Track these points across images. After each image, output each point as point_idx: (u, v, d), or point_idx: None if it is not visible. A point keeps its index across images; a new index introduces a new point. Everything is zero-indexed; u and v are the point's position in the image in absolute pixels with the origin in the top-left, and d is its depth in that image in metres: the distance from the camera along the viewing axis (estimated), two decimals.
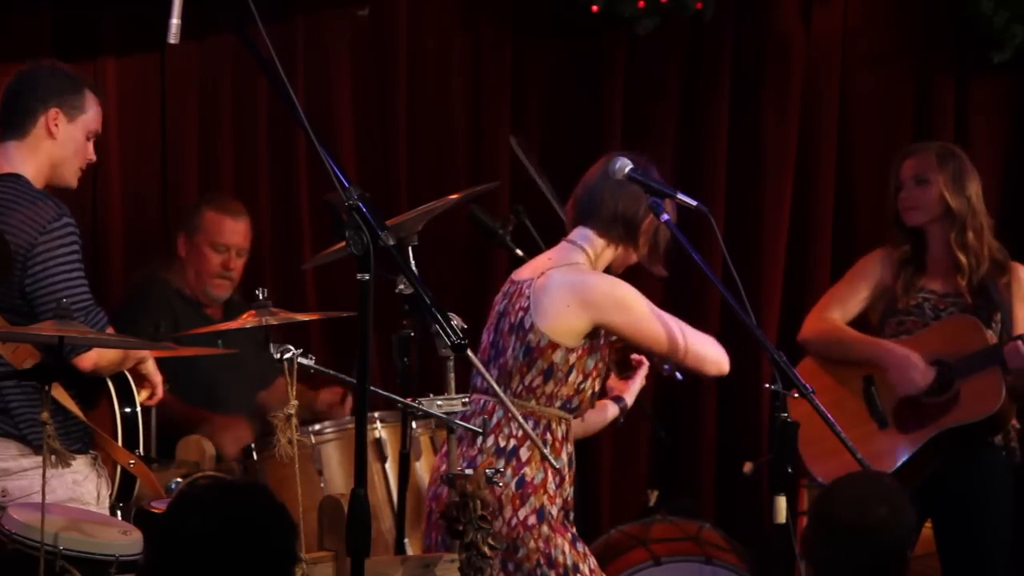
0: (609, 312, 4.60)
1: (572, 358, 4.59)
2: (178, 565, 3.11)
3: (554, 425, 4.61)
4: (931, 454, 5.39)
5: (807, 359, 5.64)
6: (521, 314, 4.60)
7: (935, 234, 5.50)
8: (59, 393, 4.54)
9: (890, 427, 5.44)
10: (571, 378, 4.59)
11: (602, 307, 4.59)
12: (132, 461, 4.72)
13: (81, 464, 4.66)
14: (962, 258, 5.42)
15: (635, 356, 4.90)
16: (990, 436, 5.41)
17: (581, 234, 4.71)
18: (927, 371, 5.38)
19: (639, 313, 4.63)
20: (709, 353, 4.75)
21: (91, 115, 4.83)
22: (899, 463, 5.38)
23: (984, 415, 5.32)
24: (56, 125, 4.75)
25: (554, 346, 4.57)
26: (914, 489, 5.36)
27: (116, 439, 4.73)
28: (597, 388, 4.70)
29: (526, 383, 4.59)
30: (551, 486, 4.57)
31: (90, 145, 4.86)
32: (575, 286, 4.60)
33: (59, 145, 4.77)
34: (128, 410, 4.80)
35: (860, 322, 5.68)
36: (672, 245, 4.70)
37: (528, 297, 4.61)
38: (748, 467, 5.88)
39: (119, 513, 4.87)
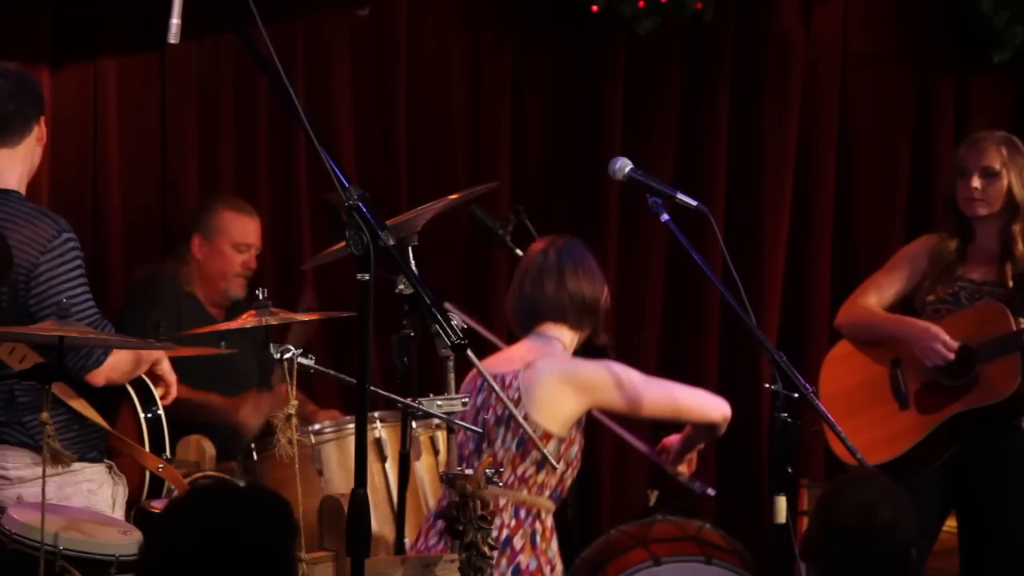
0: (606, 392, 4.66)
1: (562, 448, 4.63)
2: (170, 572, 3.10)
3: (543, 515, 4.68)
4: (946, 438, 5.37)
5: (843, 341, 5.63)
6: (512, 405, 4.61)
7: (988, 224, 5.44)
8: (80, 404, 4.56)
9: (909, 408, 5.43)
10: (559, 467, 4.63)
11: (598, 389, 4.66)
12: (160, 466, 4.74)
13: (96, 472, 4.68)
14: (1022, 246, 5.39)
15: None
16: (1012, 420, 5.38)
17: (548, 330, 4.76)
18: (949, 343, 5.36)
19: (634, 387, 4.70)
20: (707, 402, 4.81)
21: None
22: (910, 445, 5.36)
23: (998, 399, 5.29)
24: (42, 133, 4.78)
25: (548, 436, 4.61)
26: (938, 479, 5.38)
27: (143, 444, 4.75)
28: (574, 477, 4.75)
29: (518, 473, 4.63)
30: (546, 571, 4.59)
31: None
32: (568, 373, 4.65)
33: (40, 151, 4.79)
34: (151, 414, 4.81)
35: (901, 307, 5.67)
36: (672, 245, 4.71)
37: (518, 388, 4.62)
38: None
39: None
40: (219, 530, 3.10)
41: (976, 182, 5.42)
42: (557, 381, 4.61)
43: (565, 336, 4.77)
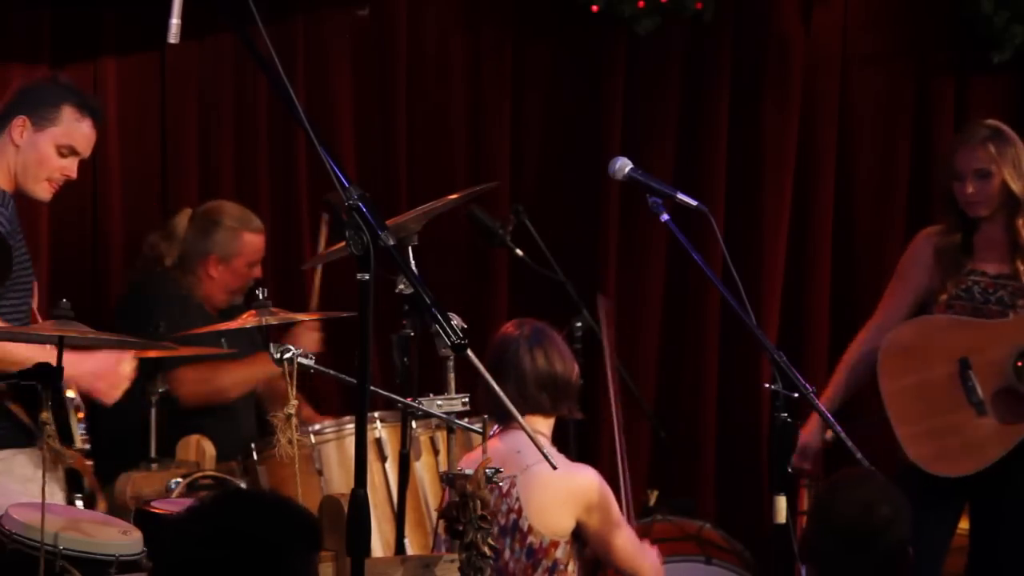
0: (591, 511, 4.62)
1: (569, 548, 4.63)
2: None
3: None
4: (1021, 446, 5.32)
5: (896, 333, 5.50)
6: (514, 516, 4.59)
7: (992, 218, 5.41)
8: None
9: (988, 416, 5.31)
10: (568, 567, 4.62)
11: (588, 506, 4.61)
12: (69, 456, 4.71)
13: (30, 457, 4.68)
14: None
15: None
16: None
17: (531, 425, 4.65)
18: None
19: (613, 514, 4.66)
20: (647, 567, 4.75)
21: (64, 129, 4.82)
22: (997, 457, 5.27)
23: None
24: (21, 134, 4.78)
25: (555, 544, 4.59)
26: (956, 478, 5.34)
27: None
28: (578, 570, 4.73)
29: None
30: None
31: (67, 162, 4.84)
32: (567, 483, 4.59)
33: (21, 152, 4.79)
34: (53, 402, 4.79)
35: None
36: (672, 245, 4.70)
37: (517, 497, 4.59)
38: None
39: (79, 505, 4.86)
40: (242, 538, 3.09)
41: (971, 187, 5.40)
42: (557, 492, 4.58)
43: (542, 427, 4.72)
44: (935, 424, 5.28)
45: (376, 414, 5.40)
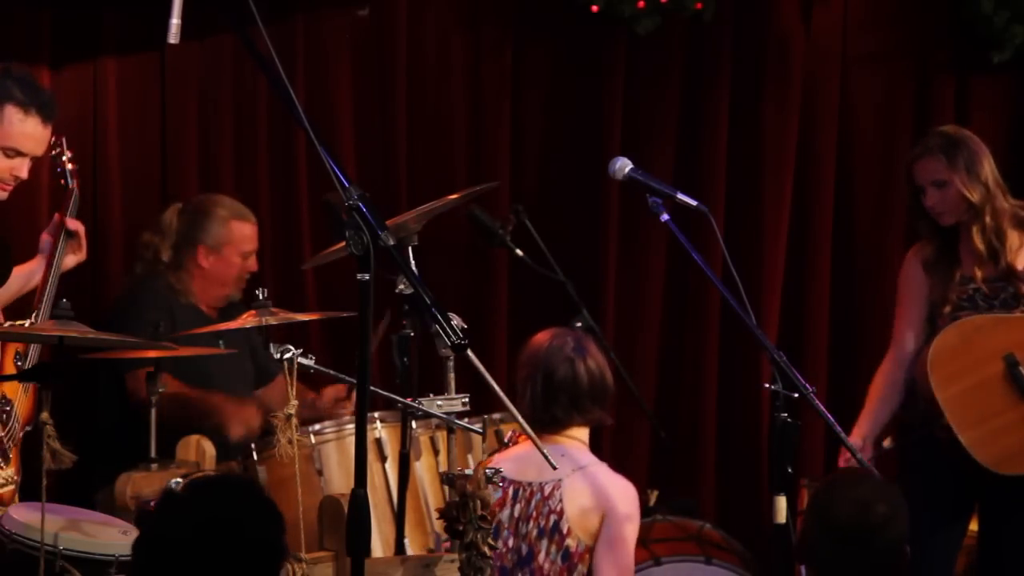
0: (618, 523, 4.59)
1: None
2: (163, 566, 3.12)
3: None
4: None
5: (943, 338, 5.44)
6: (555, 518, 4.58)
7: (966, 225, 5.44)
8: None
9: None
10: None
11: (617, 515, 4.59)
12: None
13: None
14: (993, 241, 5.38)
15: None
16: None
17: (574, 434, 4.69)
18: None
19: (632, 534, 4.63)
20: None
21: (6, 131, 4.78)
22: None
23: None
24: None
25: (590, 550, 4.57)
26: (963, 477, 5.33)
27: None
28: None
29: None
30: None
31: (15, 162, 4.82)
32: (605, 492, 4.59)
33: None
34: None
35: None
36: (672, 245, 4.69)
37: (560, 499, 4.59)
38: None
39: None
40: (214, 520, 3.11)
41: (931, 199, 5.45)
42: (596, 499, 4.58)
43: (582, 434, 4.72)
44: (995, 425, 5.26)
45: (376, 414, 5.40)
